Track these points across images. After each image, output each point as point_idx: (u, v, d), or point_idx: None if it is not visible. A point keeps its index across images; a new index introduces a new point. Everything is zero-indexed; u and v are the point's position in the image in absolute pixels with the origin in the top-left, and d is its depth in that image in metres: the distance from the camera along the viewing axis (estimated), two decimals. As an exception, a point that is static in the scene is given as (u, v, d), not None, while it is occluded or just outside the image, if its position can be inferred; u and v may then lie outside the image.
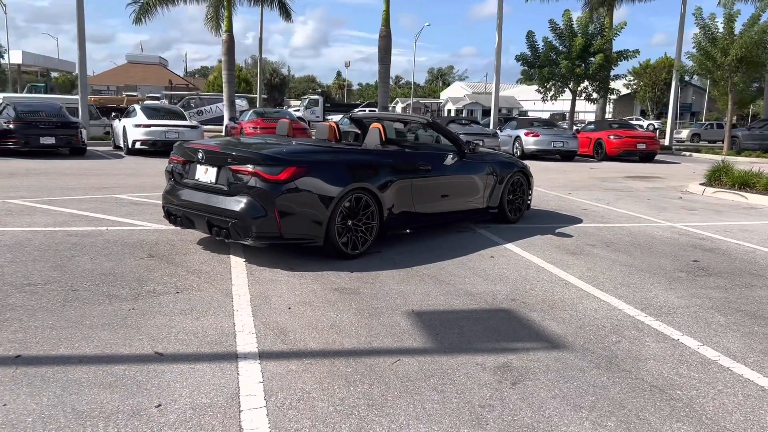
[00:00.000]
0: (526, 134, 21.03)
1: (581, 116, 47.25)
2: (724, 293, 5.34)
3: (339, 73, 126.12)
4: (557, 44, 26.80)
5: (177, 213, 5.91)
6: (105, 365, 3.44)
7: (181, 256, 5.81)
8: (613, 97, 30.54)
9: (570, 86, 27.37)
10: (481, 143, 19.42)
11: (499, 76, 26.82)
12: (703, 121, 49.70)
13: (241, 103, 35.41)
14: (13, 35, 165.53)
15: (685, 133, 44.35)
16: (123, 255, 5.77)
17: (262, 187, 5.34)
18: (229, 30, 24.64)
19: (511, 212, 8.08)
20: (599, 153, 22.11)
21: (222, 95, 27.71)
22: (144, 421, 2.86)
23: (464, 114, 66.18)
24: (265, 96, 57.09)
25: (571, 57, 25.90)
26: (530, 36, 27.13)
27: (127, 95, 47.61)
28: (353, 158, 6.02)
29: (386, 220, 6.25)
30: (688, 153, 27.97)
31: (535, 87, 28.53)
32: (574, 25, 26.51)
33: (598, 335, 4.23)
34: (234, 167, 5.49)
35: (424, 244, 6.73)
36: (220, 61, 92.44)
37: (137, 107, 17.80)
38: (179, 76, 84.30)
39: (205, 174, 5.74)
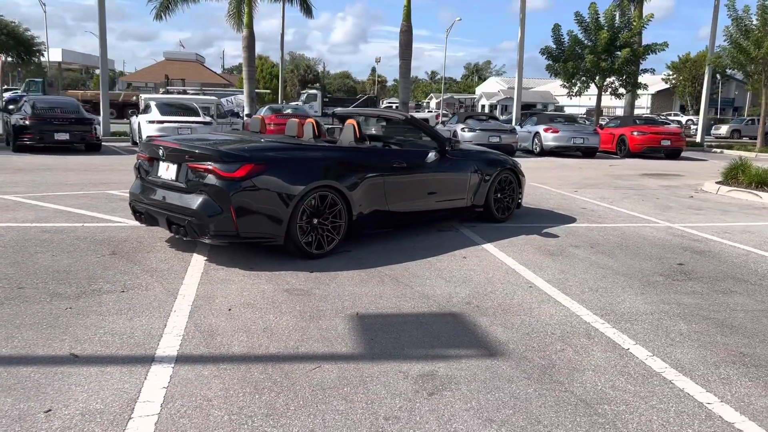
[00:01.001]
0: (546, 130, 20.61)
1: (618, 112, 46.05)
2: (698, 299, 5.06)
3: (374, 69, 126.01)
4: (582, 38, 26.18)
5: (141, 210, 5.87)
6: (14, 366, 3.39)
7: (144, 254, 5.77)
8: (642, 92, 29.72)
9: (596, 81, 26.70)
10: (498, 139, 19.20)
11: (522, 71, 26.36)
12: (744, 117, 48.10)
13: (242, 98, 35.28)
14: (62, 34, 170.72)
15: (724, 129, 42.96)
16: (86, 252, 5.75)
17: (218, 185, 5.26)
18: (250, 26, 24.73)
19: (498, 211, 7.85)
20: (622, 149, 21.54)
21: (226, 90, 27.80)
22: (26, 427, 2.79)
23: (498, 109, 65.38)
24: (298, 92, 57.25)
25: (597, 51, 25.27)
26: (556, 29, 26.61)
27: (124, 92, 47.73)
28: (317, 155, 5.89)
29: (356, 219, 6.11)
30: (719, 150, 27.08)
31: (560, 82, 27.94)
32: (601, 18, 25.84)
33: (543, 343, 4.02)
34: (192, 164, 5.41)
35: (398, 243, 6.57)
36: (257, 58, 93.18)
37: (152, 103, 17.97)
38: (216, 73, 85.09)
39: (167, 171, 5.68)
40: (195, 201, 5.34)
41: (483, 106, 75.14)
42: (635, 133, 21.13)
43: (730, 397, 3.36)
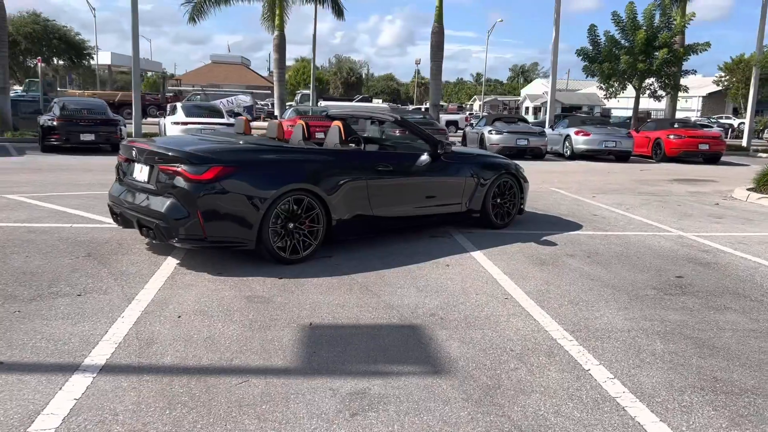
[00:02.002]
0: (576, 133, 20.05)
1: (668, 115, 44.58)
2: (685, 316, 4.70)
3: (418, 71, 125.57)
4: (620, 38, 25.41)
5: (118, 212, 5.81)
6: (-67, 372, 3.32)
7: (118, 256, 5.71)
8: (689, 94, 28.66)
9: (633, 83, 25.88)
10: (526, 142, 18.77)
11: (555, 72, 25.77)
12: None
13: (245, 99, 35.55)
14: (119, 38, 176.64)
15: (777, 133, 41.18)
16: (62, 253, 5.72)
17: (185, 187, 5.14)
18: (281, 29, 24.84)
19: (497, 217, 7.55)
20: (658, 154, 20.78)
21: (227, 91, 27.93)
22: None
23: (542, 111, 64.30)
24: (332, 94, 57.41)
25: (634, 52, 24.48)
26: (592, 30, 25.89)
27: (121, 93, 48.00)
28: (292, 158, 5.73)
29: (337, 224, 5.93)
30: (765, 154, 25.90)
31: (597, 84, 27.19)
32: (639, 18, 25.03)
33: (497, 360, 3.76)
34: (162, 166, 5.32)
35: (383, 249, 6.35)
36: (296, 60, 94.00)
37: (179, 105, 18.17)
38: (260, 75, 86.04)
39: (140, 173, 5.61)
40: (163, 204, 5.24)
41: (527, 108, 74.06)
42: (671, 137, 20.36)
43: (686, 428, 3.05)
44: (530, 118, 50.81)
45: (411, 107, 44.26)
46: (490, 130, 19.46)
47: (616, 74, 25.48)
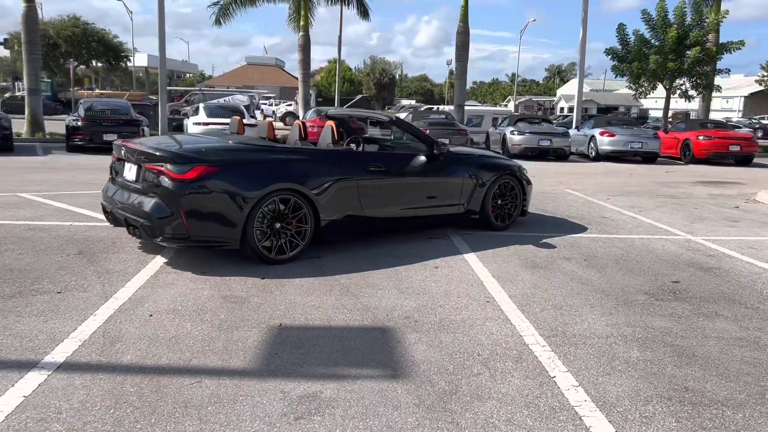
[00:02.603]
0: (602, 134, 19.68)
1: (711, 116, 43.47)
2: (671, 323, 4.54)
3: (451, 72, 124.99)
4: (650, 37, 24.86)
5: (109, 210, 5.88)
6: None
7: (108, 255, 5.77)
8: (730, 94, 27.86)
9: (663, 83, 25.29)
10: (549, 143, 18.50)
11: (582, 72, 25.33)
12: None
13: (242, 98, 35.80)
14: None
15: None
16: (54, 251, 5.81)
17: (169, 187, 5.17)
18: (305, 30, 24.96)
19: (498, 219, 7.42)
20: (686, 155, 20.25)
21: (224, 91, 28.05)
22: None
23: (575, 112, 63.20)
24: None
25: (664, 51, 23.91)
26: (621, 29, 25.39)
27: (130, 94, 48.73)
28: (279, 157, 5.71)
29: (326, 225, 5.89)
30: (802, 156, 25.02)
31: (626, 84, 26.67)
32: (670, 16, 24.44)
33: (460, 365, 3.68)
34: (147, 165, 5.36)
35: (374, 250, 6.29)
36: (329, 62, 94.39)
37: (201, 105, 18.39)
38: (294, 77, 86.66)
39: (129, 172, 5.66)
40: (148, 203, 5.28)
41: (562, 109, 73.02)
42: (701, 138, 19.81)
43: (641, 440, 2.93)
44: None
45: (431, 107, 43.97)
46: (512, 131, 19.23)
47: (646, 74, 24.94)
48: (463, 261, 6.06)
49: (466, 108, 25.37)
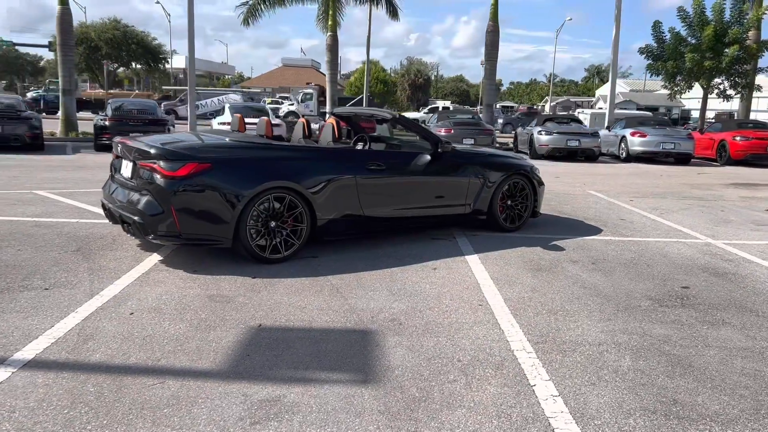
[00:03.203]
0: (633, 134, 19.17)
1: (761, 117, 42.12)
2: (673, 330, 4.29)
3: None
4: (686, 35, 24.14)
5: (108, 208, 5.87)
6: None
7: (105, 252, 5.76)
8: (760, 93, 26.92)
9: (700, 82, 24.53)
10: (577, 143, 18.10)
11: (616, 71, 24.69)
12: None
13: (235, 97, 36.14)
14: (201, 43, 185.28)
15: None
16: (54, 247, 5.83)
17: (160, 184, 5.13)
18: (333, 30, 24.95)
19: (507, 220, 7.21)
20: (722, 156, 19.59)
21: (216, 90, 28.04)
22: None
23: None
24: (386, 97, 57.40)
25: (701, 49, 23.19)
26: (656, 26, 24.72)
27: (136, 94, 49.36)
28: (273, 155, 5.61)
29: (324, 224, 5.79)
30: None
31: (662, 83, 25.98)
32: (708, 12, 23.68)
33: (438, 371, 3.52)
34: (141, 162, 5.33)
35: (374, 251, 6.16)
36: (362, 63, 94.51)
37: (227, 106, 18.51)
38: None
39: (126, 170, 5.64)
40: (140, 200, 5.25)
41: (600, 109, 71.63)
42: (737, 138, 19.14)
43: (614, 456, 2.73)
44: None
45: (460, 107, 43.60)
46: (540, 131, 18.88)
47: (682, 73, 24.24)
48: (464, 262, 5.88)
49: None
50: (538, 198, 7.48)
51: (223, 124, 17.26)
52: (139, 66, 62.73)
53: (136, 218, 5.22)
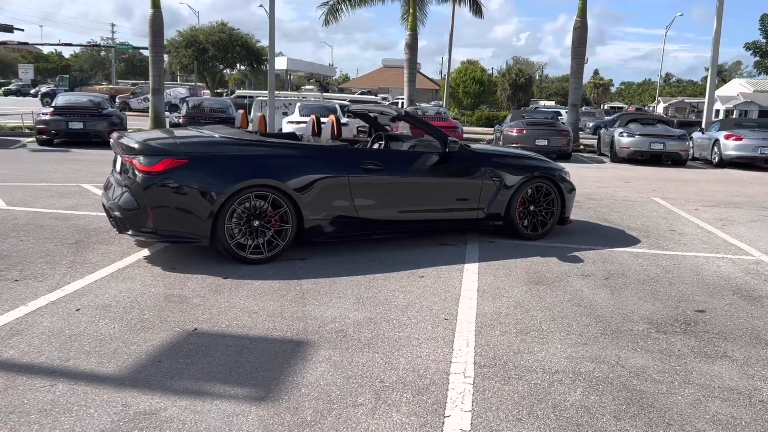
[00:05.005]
0: (726, 137, 17.57)
1: None
2: (655, 361, 3.71)
3: (596, 71, 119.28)
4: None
5: (103, 204, 5.93)
6: None
7: (99, 246, 5.81)
8: None
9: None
10: (661, 146, 16.84)
11: (715, 69, 22.82)
12: None
13: (181, 91, 36.46)
14: (313, 44, 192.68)
15: None
16: (55, 239, 5.95)
17: (137, 179, 5.08)
18: (413, 29, 24.69)
19: (528, 227, 6.66)
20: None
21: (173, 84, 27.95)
22: None
23: (735, 114, 57.70)
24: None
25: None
26: (764, 20, 22.66)
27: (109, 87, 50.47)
28: (257, 152, 5.42)
29: (313, 225, 5.55)
30: None
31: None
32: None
33: (350, 392, 3.19)
34: (125, 158, 5.31)
35: (367, 255, 5.85)
36: (462, 63, 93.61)
37: (297, 105, 18.69)
38: (430, 78, 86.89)
39: (117, 165, 5.66)
40: (121, 195, 5.25)
41: (717, 111, 66.99)
42: None
43: None
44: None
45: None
46: (621, 132, 17.73)
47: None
48: (459, 271, 5.45)
49: None
50: (567, 204, 6.86)
51: (292, 123, 17.40)
52: (242, 67, 65.31)
53: (116, 213, 5.21)
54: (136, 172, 5.09)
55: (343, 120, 17.73)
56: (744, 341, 4.09)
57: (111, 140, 5.79)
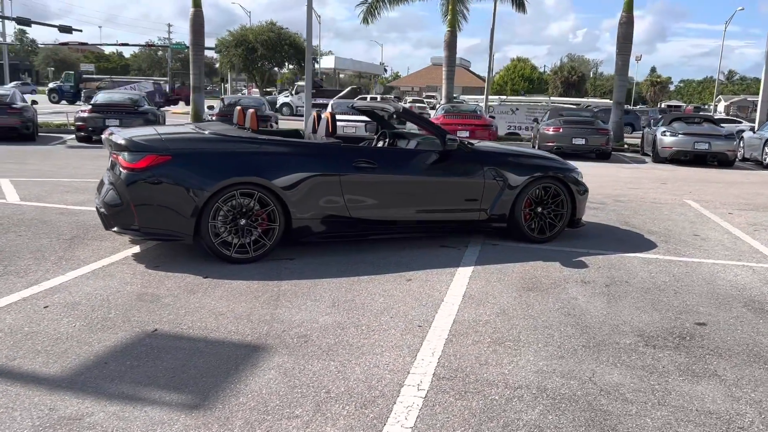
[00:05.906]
0: (778, 137, 16.66)
1: None
2: (633, 379, 3.42)
3: (653, 69, 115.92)
4: None
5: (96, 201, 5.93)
6: None
7: (93, 242, 5.81)
8: None
9: None
10: (706, 146, 16.10)
11: (769, 65, 21.68)
12: None
13: (146, 85, 36.59)
14: (365, 44, 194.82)
15: None
16: (52, 235, 5.98)
17: (121, 176, 5.04)
18: (452, 26, 24.35)
19: (535, 229, 6.35)
20: None
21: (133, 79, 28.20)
22: None
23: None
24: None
25: None
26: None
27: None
28: (243, 149, 5.30)
29: (301, 225, 5.41)
30: None
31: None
32: None
33: (290, 403, 3.02)
34: (113, 154, 5.29)
35: (358, 257, 5.67)
36: (511, 61, 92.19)
37: (331, 102, 18.64)
38: (478, 76, 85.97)
39: (109, 162, 5.64)
40: (107, 192, 5.22)
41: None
42: None
43: None
44: None
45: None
46: (664, 131, 17.02)
47: None
48: (450, 275, 5.22)
49: None
50: (578, 206, 6.51)
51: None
52: (291, 66, 65.98)
53: (102, 210, 5.19)
54: (121, 168, 5.05)
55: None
56: (740, 359, 3.74)
57: (103, 137, 5.78)
